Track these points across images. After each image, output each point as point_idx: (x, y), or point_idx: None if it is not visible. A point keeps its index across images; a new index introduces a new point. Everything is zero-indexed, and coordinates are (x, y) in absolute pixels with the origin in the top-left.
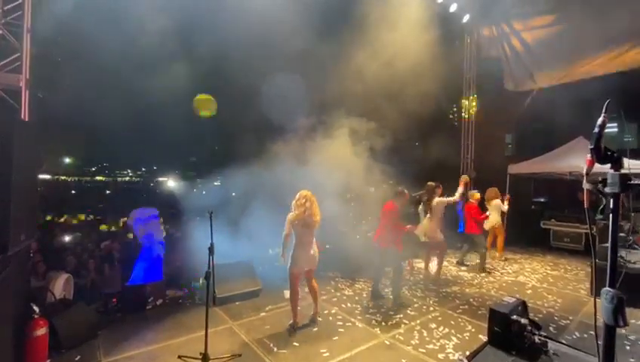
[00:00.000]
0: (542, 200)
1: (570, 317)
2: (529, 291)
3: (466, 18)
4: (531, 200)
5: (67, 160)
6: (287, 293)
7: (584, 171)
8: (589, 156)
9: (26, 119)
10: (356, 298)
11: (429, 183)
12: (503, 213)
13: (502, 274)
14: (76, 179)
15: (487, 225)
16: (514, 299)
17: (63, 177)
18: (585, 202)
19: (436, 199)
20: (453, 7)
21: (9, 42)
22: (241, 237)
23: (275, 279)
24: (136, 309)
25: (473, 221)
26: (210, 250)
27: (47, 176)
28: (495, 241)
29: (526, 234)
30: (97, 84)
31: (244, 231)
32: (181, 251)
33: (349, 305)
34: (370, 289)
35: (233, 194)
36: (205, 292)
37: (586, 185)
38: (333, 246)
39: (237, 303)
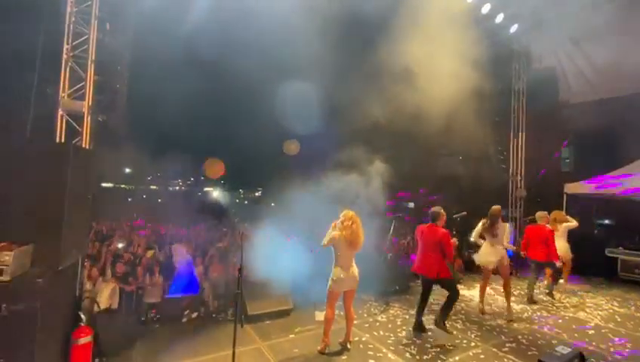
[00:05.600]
0: (606, 222)
1: None
2: (591, 331)
3: (513, 28)
4: (593, 222)
5: (127, 170)
6: (318, 315)
7: None
8: None
9: (86, 142)
10: (389, 325)
11: (495, 207)
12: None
13: (557, 308)
14: (133, 187)
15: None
16: (569, 350)
17: (122, 185)
18: None
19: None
20: (499, 18)
21: (76, 72)
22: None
23: (308, 299)
24: (172, 321)
25: (545, 246)
26: (240, 271)
27: (109, 185)
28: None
29: (587, 262)
30: (150, 106)
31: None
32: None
33: (381, 332)
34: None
35: (272, 204)
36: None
37: None
38: (368, 266)
39: (267, 322)
